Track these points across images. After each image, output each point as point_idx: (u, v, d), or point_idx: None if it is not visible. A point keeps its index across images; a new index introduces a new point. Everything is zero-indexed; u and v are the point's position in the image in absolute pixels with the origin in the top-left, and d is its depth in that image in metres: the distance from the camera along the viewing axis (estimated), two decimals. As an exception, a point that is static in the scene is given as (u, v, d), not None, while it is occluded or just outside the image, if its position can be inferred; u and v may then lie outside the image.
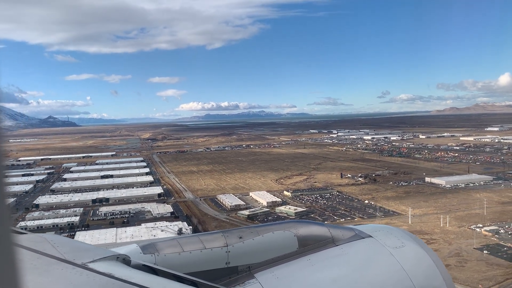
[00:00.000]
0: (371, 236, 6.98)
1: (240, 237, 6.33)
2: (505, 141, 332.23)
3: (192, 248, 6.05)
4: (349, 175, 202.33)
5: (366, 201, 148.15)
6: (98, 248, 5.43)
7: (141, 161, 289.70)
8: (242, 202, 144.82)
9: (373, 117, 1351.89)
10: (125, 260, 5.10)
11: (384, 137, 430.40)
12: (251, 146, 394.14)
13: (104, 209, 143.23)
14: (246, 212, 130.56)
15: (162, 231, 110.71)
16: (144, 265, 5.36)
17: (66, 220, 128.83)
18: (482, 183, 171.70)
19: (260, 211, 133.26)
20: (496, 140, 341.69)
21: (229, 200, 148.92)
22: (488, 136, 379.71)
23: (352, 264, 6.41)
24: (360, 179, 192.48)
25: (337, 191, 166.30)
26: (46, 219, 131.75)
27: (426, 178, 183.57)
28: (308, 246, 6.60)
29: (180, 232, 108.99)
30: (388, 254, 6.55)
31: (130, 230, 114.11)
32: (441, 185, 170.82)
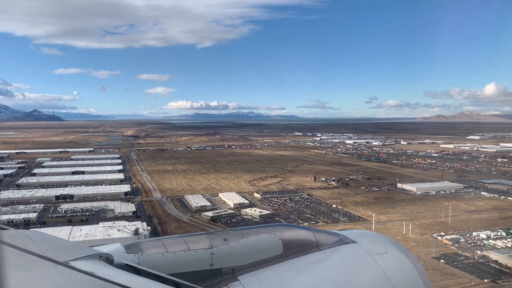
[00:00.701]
0: (355, 242, 7.00)
1: (225, 239, 6.34)
2: (483, 149, 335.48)
3: (176, 249, 6.01)
4: (323, 179, 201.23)
5: (334, 206, 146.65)
6: (81, 246, 5.38)
7: (117, 158, 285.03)
8: (208, 203, 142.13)
9: (360, 122, 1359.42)
10: (108, 259, 5.11)
11: (366, 142, 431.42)
12: (233, 147, 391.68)
13: (65, 206, 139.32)
14: (210, 214, 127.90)
15: (119, 230, 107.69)
16: (127, 264, 5.35)
17: (22, 216, 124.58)
18: (453, 190, 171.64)
19: (225, 212, 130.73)
20: (475, 149, 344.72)
21: (195, 200, 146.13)
22: (468, 144, 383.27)
23: (336, 269, 6.43)
24: (333, 183, 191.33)
25: (307, 194, 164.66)
26: (3, 214, 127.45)
27: (398, 184, 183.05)
28: (292, 249, 6.63)
29: (136, 232, 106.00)
30: (372, 260, 6.56)
31: (85, 228, 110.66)
32: (412, 191, 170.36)
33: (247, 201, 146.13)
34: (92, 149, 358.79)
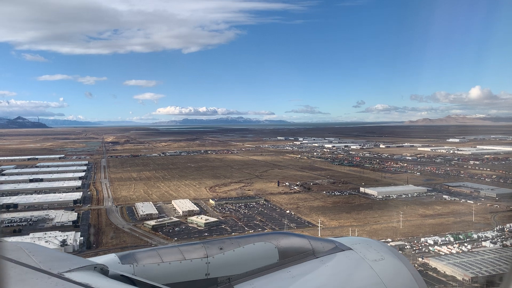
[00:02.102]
0: (351, 249, 7.07)
1: (221, 248, 6.35)
2: (459, 152, 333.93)
3: (172, 258, 6.00)
4: (287, 184, 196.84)
5: (288, 211, 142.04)
6: (75, 257, 5.39)
7: (85, 165, 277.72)
8: (155, 212, 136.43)
9: (347, 126, 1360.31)
10: (103, 270, 5.09)
11: (345, 146, 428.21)
12: (209, 152, 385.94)
13: (4, 216, 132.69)
14: (152, 223, 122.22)
15: (46, 242, 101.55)
16: (122, 275, 5.35)
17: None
18: (415, 194, 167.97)
19: (169, 221, 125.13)
20: (451, 151, 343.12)
21: (144, 208, 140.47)
22: (446, 147, 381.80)
23: (332, 276, 6.44)
24: (295, 187, 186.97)
25: (265, 200, 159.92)
26: None
27: (361, 188, 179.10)
28: (288, 257, 6.67)
29: (63, 243, 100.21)
30: (368, 267, 6.63)
31: (11, 240, 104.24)
32: (373, 195, 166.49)
33: (198, 209, 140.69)
34: (63, 155, 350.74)
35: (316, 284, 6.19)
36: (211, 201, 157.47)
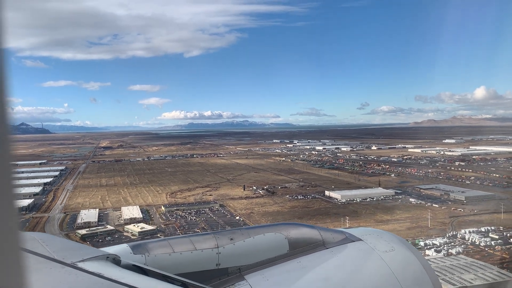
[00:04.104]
0: (362, 240, 6.92)
1: (231, 239, 6.34)
2: (450, 153, 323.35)
3: (183, 249, 6.02)
4: (255, 187, 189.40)
5: (238, 217, 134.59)
6: (88, 247, 5.50)
7: (60, 170, 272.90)
8: (95, 220, 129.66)
9: (351, 128, 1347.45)
10: (115, 260, 5.12)
11: (336, 148, 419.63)
12: (194, 156, 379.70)
13: None
14: (82, 232, 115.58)
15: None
16: (134, 265, 5.38)
17: None
18: (381, 198, 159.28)
19: (103, 230, 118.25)
20: (441, 152, 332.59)
21: (84, 216, 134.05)
22: (437, 148, 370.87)
23: (342, 267, 6.37)
24: (260, 192, 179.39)
25: (220, 205, 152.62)
26: None
27: (326, 191, 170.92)
28: (298, 248, 6.60)
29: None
30: (378, 258, 6.51)
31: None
32: (337, 199, 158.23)
33: (141, 216, 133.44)
34: (45, 161, 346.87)
35: (327, 274, 6.02)
36: (162, 207, 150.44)
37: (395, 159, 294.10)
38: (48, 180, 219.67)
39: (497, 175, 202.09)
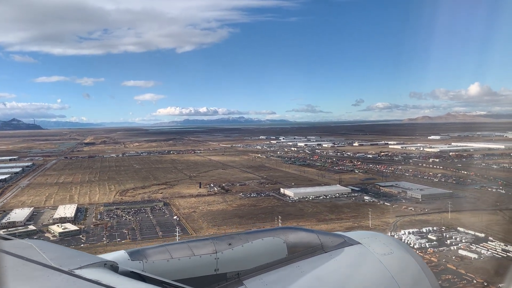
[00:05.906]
0: (360, 243, 6.93)
1: (230, 244, 6.28)
2: (429, 149, 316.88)
3: (181, 255, 5.96)
4: (212, 185, 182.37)
5: (176, 217, 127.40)
6: (85, 254, 5.42)
7: (26, 167, 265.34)
8: (21, 219, 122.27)
9: (345, 125, 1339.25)
10: (112, 267, 5.05)
11: (317, 144, 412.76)
12: (172, 152, 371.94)
13: None
14: (0, 232, 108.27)
15: None
16: (132, 272, 5.34)
17: None
18: (335, 195, 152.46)
19: (23, 230, 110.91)
20: (421, 149, 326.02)
21: (14, 216, 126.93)
22: (418, 145, 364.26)
23: (342, 271, 6.37)
24: (215, 189, 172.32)
25: (165, 204, 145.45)
26: None
27: (281, 189, 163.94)
28: (297, 252, 6.55)
29: None
30: (377, 261, 6.53)
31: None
32: (289, 197, 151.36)
33: (72, 216, 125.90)
34: (16, 157, 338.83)
35: (326, 278, 6.05)
36: (102, 207, 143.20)
37: (370, 156, 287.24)
38: (5, 177, 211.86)
39: (465, 172, 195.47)
